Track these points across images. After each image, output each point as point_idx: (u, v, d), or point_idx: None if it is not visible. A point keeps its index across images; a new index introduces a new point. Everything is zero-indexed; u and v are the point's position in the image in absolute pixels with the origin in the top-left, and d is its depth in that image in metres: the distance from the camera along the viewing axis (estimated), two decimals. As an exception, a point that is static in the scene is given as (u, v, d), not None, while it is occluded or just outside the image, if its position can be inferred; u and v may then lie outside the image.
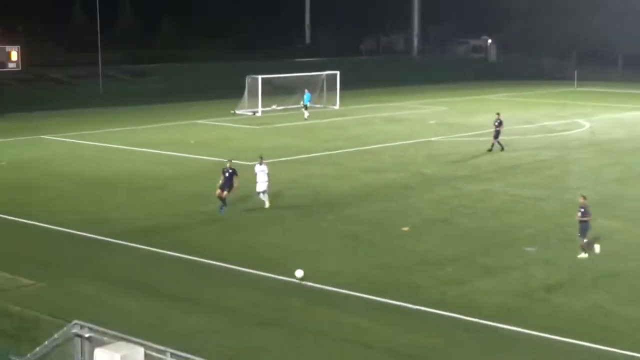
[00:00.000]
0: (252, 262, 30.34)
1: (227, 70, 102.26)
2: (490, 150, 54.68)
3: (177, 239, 33.62)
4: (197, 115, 74.24)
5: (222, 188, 37.57)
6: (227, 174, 37.59)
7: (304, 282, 27.96)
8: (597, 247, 31.57)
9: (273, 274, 29.11)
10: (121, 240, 33.30)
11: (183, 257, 31.23)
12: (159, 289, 27.80)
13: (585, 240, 30.90)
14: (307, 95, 74.42)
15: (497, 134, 55.12)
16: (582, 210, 31.06)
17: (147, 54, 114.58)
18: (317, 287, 27.78)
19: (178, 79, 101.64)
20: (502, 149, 54.67)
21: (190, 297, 27.02)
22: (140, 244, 32.69)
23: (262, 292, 27.55)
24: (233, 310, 25.79)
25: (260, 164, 38.75)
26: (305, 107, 73.45)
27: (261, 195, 38.80)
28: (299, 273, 28.25)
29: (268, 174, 38.63)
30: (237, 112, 76.27)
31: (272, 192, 39.83)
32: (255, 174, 38.71)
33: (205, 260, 30.73)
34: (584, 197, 31.66)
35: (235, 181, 37.61)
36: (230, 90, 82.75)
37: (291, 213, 38.08)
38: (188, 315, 25.26)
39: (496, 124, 55.38)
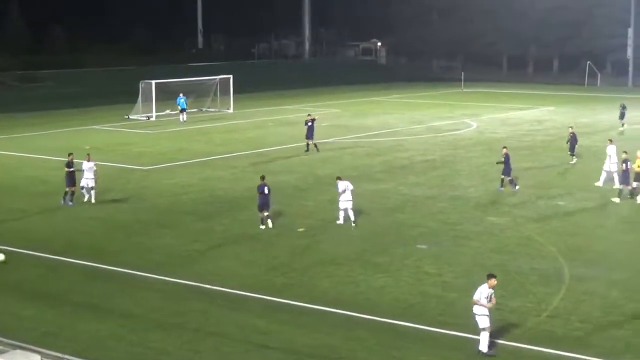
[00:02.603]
0: (150, 266, 30.11)
1: (122, 75, 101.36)
2: (307, 150, 55.36)
3: (74, 245, 33.12)
4: (92, 121, 73.17)
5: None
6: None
7: (203, 285, 27.90)
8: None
9: (172, 277, 28.94)
10: (17, 247, 32.59)
11: (80, 263, 30.78)
12: (56, 297, 27.32)
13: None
14: (180, 99, 73.95)
15: (310, 134, 55.64)
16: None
17: (39, 60, 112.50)
18: (216, 290, 27.71)
19: (72, 85, 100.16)
20: (317, 150, 55.49)
21: (89, 303, 26.62)
22: (36, 252, 32.08)
23: (162, 296, 27.34)
24: (133, 316, 25.51)
25: (88, 160, 40.42)
26: (182, 111, 73.33)
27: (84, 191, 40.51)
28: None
29: (96, 171, 40.56)
30: (131, 117, 75.40)
31: (170, 195, 39.59)
32: (83, 171, 40.53)
33: (103, 266, 30.35)
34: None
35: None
36: (125, 96, 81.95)
37: (188, 216, 37.86)
38: (87, 322, 24.88)
39: (308, 124, 55.84)
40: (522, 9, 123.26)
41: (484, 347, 22.46)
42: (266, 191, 35.46)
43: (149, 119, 74.75)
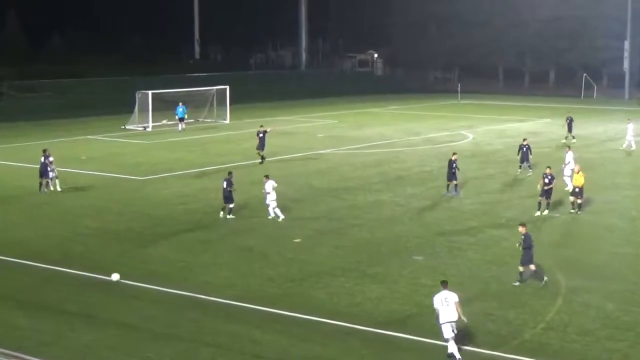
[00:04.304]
0: (146, 277, 30.04)
1: (119, 85, 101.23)
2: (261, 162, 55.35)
3: (69, 255, 33.07)
4: (88, 131, 73.13)
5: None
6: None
7: (198, 295, 27.85)
8: None
9: (167, 288, 28.87)
10: (12, 257, 32.54)
11: (76, 273, 30.71)
12: (52, 306, 27.25)
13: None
14: (179, 108, 74.45)
15: (261, 146, 55.85)
16: (549, 177, 39.65)
17: (37, 70, 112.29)
18: (211, 300, 27.66)
19: (70, 95, 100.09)
20: (262, 161, 55.54)
21: (84, 313, 26.55)
22: (32, 261, 32.02)
23: (157, 306, 27.27)
24: (128, 326, 25.45)
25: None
26: (181, 120, 73.72)
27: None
28: (115, 276, 28.88)
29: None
30: (127, 127, 75.40)
31: (166, 205, 39.60)
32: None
33: (99, 276, 30.27)
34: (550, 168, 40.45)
35: None
36: (121, 106, 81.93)
37: (184, 227, 37.81)
38: (82, 332, 24.82)
39: (260, 135, 56.04)
40: (518, 21, 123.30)
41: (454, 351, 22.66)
42: (224, 185, 39.15)
43: (145, 129, 74.74)
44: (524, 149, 51.29)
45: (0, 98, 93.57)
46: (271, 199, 39.33)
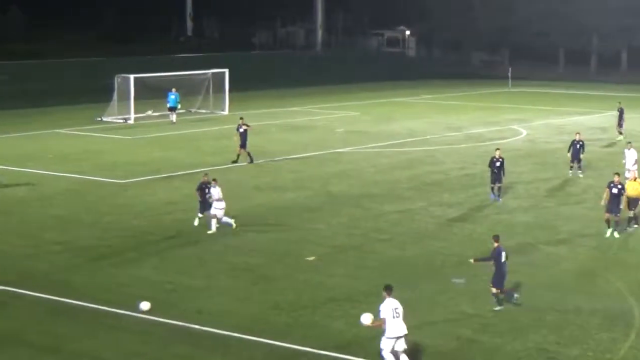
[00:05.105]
0: (125, 302, 30.04)
1: (93, 68, 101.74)
2: (235, 161, 55.70)
3: (32, 275, 33.13)
4: (56, 124, 73.27)
5: None
6: None
7: (190, 325, 27.87)
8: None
9: (152, 316, 28.88)
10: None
11: (42, 297, 30.77)
12: (12, 337, 27.29)
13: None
14: (172, 95, 74.84)
15: (243, 143, 56.01)
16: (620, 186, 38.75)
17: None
18: (204, 331, 27.67)
19: (33, 79, 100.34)
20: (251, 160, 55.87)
21: (52, 346, 26.61)
22: (-16, 282, 32.15)
23: (140, 338, 27.31)
24: (104, 362, 25.54)
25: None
26: (172, 110, 74.25)
27: None
28: (145, 305, 28.57)
29: None
30: (104, 119, 75.57)
31: (150, 215, 39.63)
32: None
33: (69, 301, 30.33)
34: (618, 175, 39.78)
35: None
36: (96, 94, 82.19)
37: (170, 242, 37.84)
38: (46, 369, 24.92)
39: (240, 130, 56.08)
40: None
41: None
42: (206, 191, 39.84)
43: (126, 121, 74.91)
44: (577, 145, 51.76)
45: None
46: (220, 207, 39.27)
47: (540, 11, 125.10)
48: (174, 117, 74.21)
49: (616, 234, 38.37)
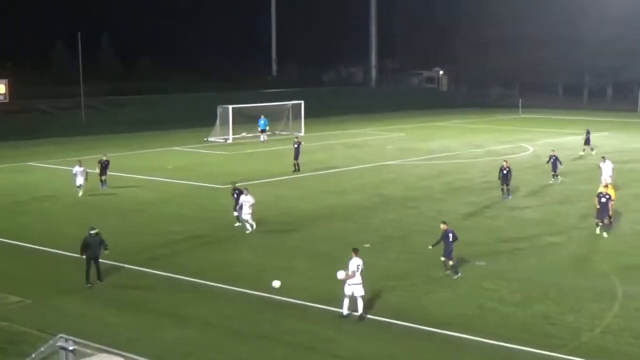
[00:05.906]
0: (227, 279, 30.24)
1: (201, 100, 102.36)
2: (295, 170, 55.71)
3: (158, 258, 33.45)
4: (173, 143, 74.06)
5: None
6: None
7: (274, 296, 27.94)
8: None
9: (246, 289, 29.02)
10: (106, 259, 32.98)
11: (164, 275, 31.06)
12: (140, 305, 27.59)
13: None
14: (261, 120, 76.56)
15: (296, 155, 56.36)
16: (607, 196, 36.99)
17: (127, 86, 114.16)
18: (286, 301, 27.72)
19: (156, 109, 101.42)
20: (298, 169, 56.05)
21: (169, 312, 26.83)
22: (122, 263, 32.45)
23: (236, 306, 27.44)
24: (209, 324, 25.64)
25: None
26: (262, 132, 75.60)
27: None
28: (276, 283, 28.23)
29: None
30: (209, 139, 76.16)
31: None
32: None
33: (185, 278, 30.58)
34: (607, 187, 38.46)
35: None
36: (203, 120, 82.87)
37: (262, 233, 37.99)
38: (167, 330, 25.09)
39: (295, 145, 56.62)
40: (578, 40, 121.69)
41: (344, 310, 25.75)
42: (235, 196, 38.90)
43: (226, 141, 75.44)
44: (552, 159, 51.70)
45: (94, 112, 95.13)
46: (246, 213, 37.95)
47: (545, 56, 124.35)
48: (262, 138, 74.85)
49: (605, 235, 37.64)
